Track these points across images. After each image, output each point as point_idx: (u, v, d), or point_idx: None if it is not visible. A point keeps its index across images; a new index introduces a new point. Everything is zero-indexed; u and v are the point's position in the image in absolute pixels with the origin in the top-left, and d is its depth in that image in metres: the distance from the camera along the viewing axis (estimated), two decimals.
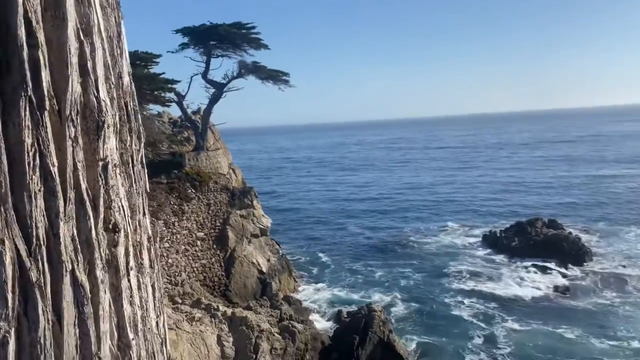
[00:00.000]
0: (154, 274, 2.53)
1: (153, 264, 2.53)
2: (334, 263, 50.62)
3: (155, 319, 2.42)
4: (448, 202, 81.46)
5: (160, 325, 2.53)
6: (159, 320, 2.50)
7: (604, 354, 30.64)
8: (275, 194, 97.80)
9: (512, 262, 49.09)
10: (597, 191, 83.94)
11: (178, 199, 32.65)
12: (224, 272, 34.28)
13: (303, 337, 28.46)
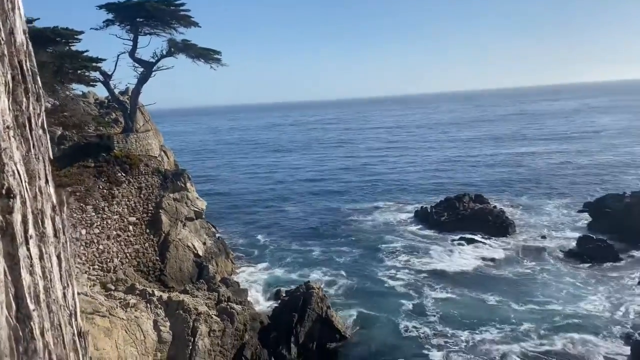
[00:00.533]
0: (59, 244, 2.44)
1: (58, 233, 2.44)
2: (272, 244, 50.82)
3: (61, 290, 2.34)
4: (381, 181, 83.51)
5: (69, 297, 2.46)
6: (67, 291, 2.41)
7: (521, 316, 33.08)
8: (210, 176, 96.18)
9: (441, 235, 51.34)
10: (520, 167, 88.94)
11: (107, 183, 31.42)
12: (158, 256, 33.56)
13: (242, 318, 28.53)
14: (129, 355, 23.10)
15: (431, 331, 31.54)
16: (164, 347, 24.99)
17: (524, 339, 29.99)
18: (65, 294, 2.34)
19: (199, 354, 25.26)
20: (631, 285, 36.98)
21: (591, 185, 70.15)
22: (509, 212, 56.33)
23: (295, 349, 28.91)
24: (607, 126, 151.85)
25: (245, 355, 27.18)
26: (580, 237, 45.97)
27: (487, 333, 31.00)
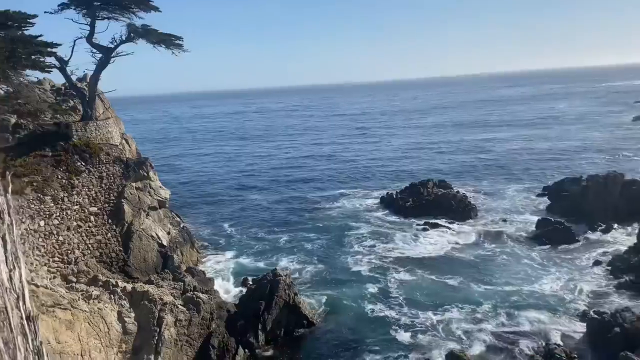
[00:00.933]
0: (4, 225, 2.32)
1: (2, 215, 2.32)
2: (238, 233, 50.51)
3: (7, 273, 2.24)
4: (347, 168, 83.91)
5: (16, 280, 2.35)
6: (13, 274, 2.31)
7: (480, 296, 34.14)
8: (173, 165, 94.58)
9: (406, 221, 52.09)
10: (482, 153, 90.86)
11: (66, 173, 30.44)
12: (121, 247, 32.88)
13: (208, 307, 28.32)
14: (92, 348, 22.65)
15: (397, 313, 32.13)
16: (129, 338, 24.60)
17: (484, 318, 30.90)
18: (12, 277, 2.23)
19: (165, 344, 24.98)
20: (586, 265, 38.46)
21: (550, 170, 72.36)
22: (471, 197, 57.58)
23: (262, 336, 28.96)
24: (565, 112, 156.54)
25: (213, 344, 27.05)
26: (539, 220, 47.44)
27: (449, 313, 31.85)
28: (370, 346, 28.41)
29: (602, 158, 79.07)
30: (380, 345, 28.51)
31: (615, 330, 26.06)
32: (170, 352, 25.14)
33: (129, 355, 24.35)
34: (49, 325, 21.33)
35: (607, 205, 47.93)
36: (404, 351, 27.82)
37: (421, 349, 27.80)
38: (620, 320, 26.59)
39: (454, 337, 28.90)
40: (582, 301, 32.62)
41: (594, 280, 35.71)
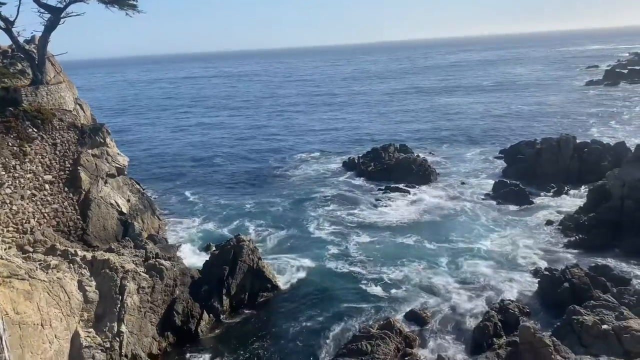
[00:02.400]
0: None
1: None
2: (200, 200, 50.08)
3: None
4: (308, 134, 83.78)
5: None
6: None
7: (433, 253, 35.61)
8: (129, 132, 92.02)
9: (368, 185, 52.83)
10: (442, 118, 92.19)
11: (17, 140, 29.16)
12: (79, 215, 32.08)
13: (171, 274, 28.20)
14: (53, 317, 22.31)
15: (357, 272, 33.03)
16: (90, 307, 24.33)
17: (440, 275, 32.14)
18: None
19: (128, 312, 24.84)
20: (539, 225, 40.10)
21: (507, 134, 74.29)
22: (431, 161, 58.66)
23: (227, 300, 29.17)
24: (522, 77, 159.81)
25: (177, 309, 27.08)
26: (496, 183, 48.95)
27: (405, 270, 33.06)
28: (333, 304, 29.10)
29: (556, 122, 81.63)
30: (341, 302, 29.23)
31: (565, 286, 27.50)
32: (133, 319, 25.05)
33: (91, 323, 24.13)
34: (6, 296, 20.84)
35: (560, 168, 49.80)
36: (363, 308, 28.62)
37: (379, 306, 28.65)
38: (569, 276, 28.04)
39: (410, 293, 29.88)
40: (534, 259, 34.15)
41: (545, 239, 37.36)
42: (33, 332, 21.13)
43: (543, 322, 25.58)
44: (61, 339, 22.30)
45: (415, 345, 24.81)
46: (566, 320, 22.78)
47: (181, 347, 25.98)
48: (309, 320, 27.74)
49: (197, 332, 26.82)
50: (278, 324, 27.65)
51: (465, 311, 27.86)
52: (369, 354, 22.96)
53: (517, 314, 25.97)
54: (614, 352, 20.05)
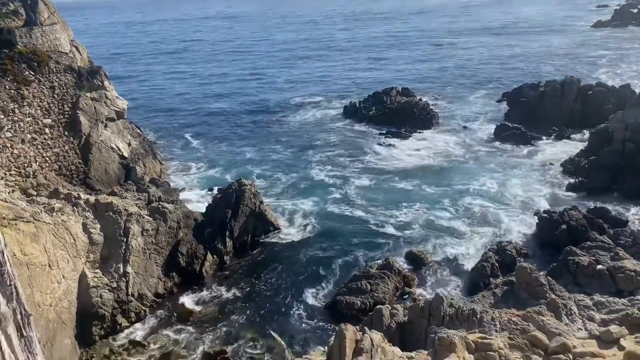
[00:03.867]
0: None
1: None
2: (202, 145, 49.95)
3: None
4: (307, 78, 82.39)
5: None
6: None
7: (433, 196, 35.93)
8: (125, 76, 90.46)
9: (369, 130, 52.53)
10: (445, 60, 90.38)
11: (14, 83, 28.80)
12: (81, 159, 32.16)
13: (175, 217, 28.58)
14: (59, 259, 22.83)
15: (357, 214, 33.46)
16: (96, 249, 24.84)
17: (439, 215, 32.56)
18: None
19: (133, 253, 25.39)
20: (539, 168, 40.17)
21: (511, 76, 73.05)
22: (434, 104, 58.05)
23: (230, 242, 29.71)
24: (528, 17, 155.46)
25: (181, 251, 27.65)
26: (498, 126, 48.65)
27: (405, 211, 33.50)
28: (334, 245, 29.68)
29: (561, 64, 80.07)
30: (342, 244, 29.81)
31: (562, 228, 27.90)
32: (138, 261, 25.63)
33: (97, 264, 24.72)
34: (13, 238, 21.23)
35: (563, 111, 49.33)
36: (365, 247, 29.21)
37: (379, 248, 29.22)
38: (567, 218, 28.39)
39: (410, 235, 30.39)
40: (534, 201, 34.45)
41: (546, 182, 37.54)
42: (41, 273, 21.67)
43: (540, 263, 26.11)
44: (69, 279, 22.90)
45: (413, 285, 25.48)
46: (562, 260, 23.26)
47: (186, 287, 26.69)
48: (310, 261, 28.37)
49: (202, 272, 27.48)
50: (280, 265, 28.29)
51: (464, 252, 28.42)
52: (369, 293, 23.63)
53: (515, 255, 26.49)
54: (607, 290, 20.58)
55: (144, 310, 24.39)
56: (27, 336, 2.52)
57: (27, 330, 2.52)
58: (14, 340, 2.34)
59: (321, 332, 22.86)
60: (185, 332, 23.42)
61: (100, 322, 23.09)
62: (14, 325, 2.38)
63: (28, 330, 2.53)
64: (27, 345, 2.50)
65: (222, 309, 24.84)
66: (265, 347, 21.90)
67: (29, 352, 2.50)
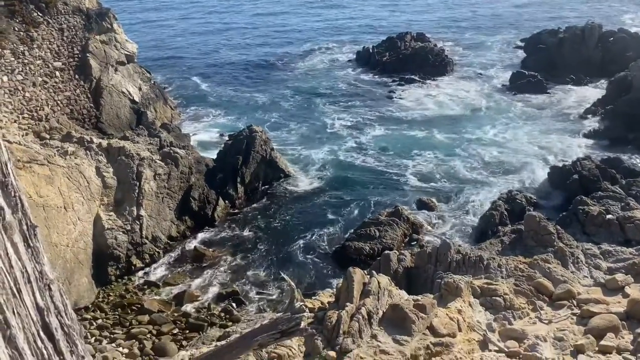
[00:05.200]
0: None
1: None
2: (212, 91, 49.47)
3: None
4: (320, 23, 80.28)
5: None
6: None
7: (445, 144, 35.78)
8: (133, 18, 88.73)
9: (382, 77, 51.53)
10: (461, 5, 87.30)
11: (23, 24, 28.45)
12: (92, 103, 32.16)
13: (186, 162, 28.81)
14: (74, 201, 23.31)
15: (368, 162, 33.57)
16: (109, 192, 25.27)
17: (450, 163, 32.56)
18: None
19: (146, 197, 25.80)
20: (554, 116, 39.52)
21: (530, 22, 70.55)
22: (449, 50, 56.58)
23: (241, 188, 30.02)
24: None
25: (193, 195, 28.03)
26: (514, 73, 47.51)
27: (418, 159, 33.57)
28: (345, 193, 29.92)
29: (584, 10, 77.05)
30: (352, 191, 30.04)
31: (574, 177, 27.72)
32: (151, 204, 26.08)
33: (111, 207, 25.22)
34: (28, 180, 21.63)
35: (582, 58, 47.91)
36: (376, 195, 29.42)
37: (389, 195, 29.41)
38: (579, 168, 28.16)
39: (420, 182, 30.49)
40: (546, 150, 34.14)
41: (560, 131, 37.03)
42: (57, 214, 22.21)
43: (550, 212, 26.11)
44: (84, 221, 23.47)
45: (421, 232, 25.78)
46: (572, 210, 23.26)
47: (199, 231, 27.25)
48: (320, 208, 28.68)
49: (214, 216, 27.96)
50: (290, 211, 28.66)
51: (474, 201, 28.52)
52: (377, 239, 23.97)
53: (524, 204, 26.51)
54: (616, 240, 20.64)
55: (157, 252, 25.06)
56: (34, 246, 2.61)
57: (33, 241, 2.61)
58: (20, 248, 2.42)
59: (330, 275, 23.43)
60: (198, 273, 24.12)
61: (116, 263, 23.80)
62: (20, 235, 2.46)
63: (34, 241, 2.62)
64: (34, 255, 2.60)
65: (234, 252, 25.44)
66: (275, 287, 22.55)
67: (36, 262, 2.59)
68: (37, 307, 2.53)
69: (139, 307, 21.55)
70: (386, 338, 10.76)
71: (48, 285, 2.70)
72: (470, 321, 11.88)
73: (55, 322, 2.66)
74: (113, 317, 21.23)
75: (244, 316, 20.72)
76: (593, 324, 11.53)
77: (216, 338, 16.31)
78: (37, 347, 2.43)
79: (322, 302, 12.56)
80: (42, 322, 2.56)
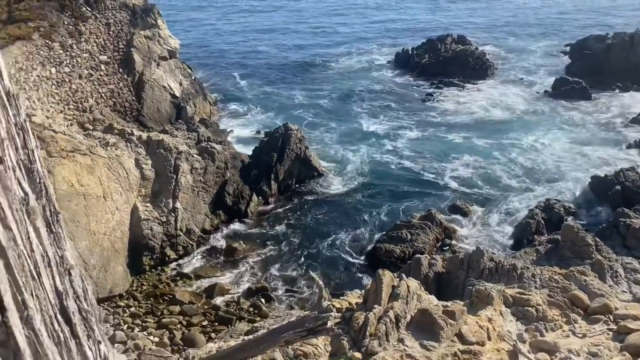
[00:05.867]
0: None
1: None
2: (251, 88, 50.00)
3: None
4: (358, 24, 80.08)
5: None
6: None
7: (484, 149, 35.13)
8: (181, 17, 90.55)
9: (420, 79, 51.03)
10: (507, 8, 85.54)
11: (72, 19, 29.48)
12: (134, 97, 33.03)
13: (222, 157, 29.25)
14: (113, 191, 23.99)
15: (404, 164, 33.27)
16: (147, 184, 25.90)
17: (488, 169, 31.91)
18: None
19: (182, 190, 26.33)
20: (597, 124, 38.26)
21: (577, 28, 68.57)
22: (491, 54, 55.58)
23: (275, 185, 30.28)
24: None
25: (228, 190, 28.44)
26: (557, 79, 46.26)
27: (455, 163, 33.03)
28: (378, 194, 29.77)
29: (630, 15, 74.30)
30: (386, 193, 29.86)
31: (616, 188, 26.81)
32: (187, 197, 26.59)
33: (148, 199, 25.84)
34: (71, 169, 22.39)
35: (630, 65, 46.26)
36: (409, 198, 29.17)
37: (423, 199, 29.09)
38: (622, 179, 27.21)
39: (455, 187, 30.04)
40: (589, 159, 33.11)
41: (603, 139, 35.86)
42: (96, 203, 22.91)
43: (589, 223, 25.38)
44: (122, 211, 24.12)
45: (454, 237, 25.42)
46: (613, 221, 22.53)
47: (232, 225, 27.62)
48: (353, 208, 28.63)
49: (247, 212, 28.30)
50: (323, 210, 28.71)
51: (510, 208, 27.93)
52: (408, 242, 23.77)
53: (562, 214, 25.82)
54: None
55: (191, 245, 25.53)
56: (56, 232, 2.71)
57: (55, 227, 2.71)
58: (42, 233, 2.51)
59: (359, 276, 23.36)
60: (229, 267, 24.46)
61: (150, 253, 24.36)
62: (43, 220, 2.54)
63: (57, 227, 2.72)
64: (56, 241, 2.69)
65: (265, 248, 25.67)
66: (304, 285, 22.64)
67: (57, 247, 2.68)
68: (56, 290, 2.62)
69: (171, 298, 22.01)
70: (413, 342, 10.66)
71: (68, 270, 2.79)
72: (500, 330, 11.65)
73: (73, 306, 2.75)
74: (145, 305, 21.74)
75: (272, 312, 20.89)
76: (630, 340, 11.12)
77: (244, 332, 16.51)
78: (53, 329, 2.51)
79: (350, 302, 12.54)
80: (60, 305, 2.64)
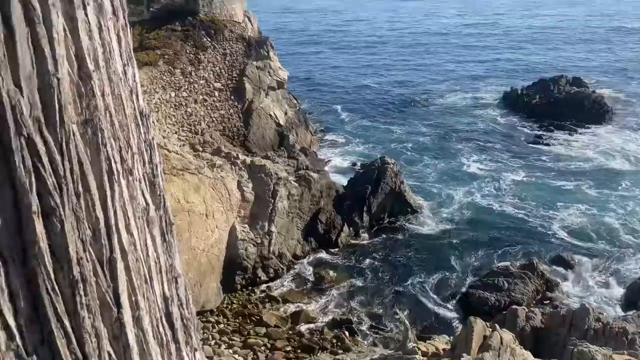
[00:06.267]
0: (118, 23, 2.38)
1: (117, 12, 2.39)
2: (352, 120, 50.78)
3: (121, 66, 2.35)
4: (464, 62, 78.73)
5: (129, 75, 2.47)
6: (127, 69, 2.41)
7: (597, 200, 32.57)
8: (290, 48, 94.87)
9: (529, 120, 48.80)
10: (632, 50, 79.92)
11: (194, 48, 32.03)
12: (242, 123, 34.83)
13: (318, 186, 29.82)
14: (215, 210, 25.26)
15: (505, 209, 31.72)
16: (247, 206, 26.98)
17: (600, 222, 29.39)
18: (126, 71, 2.41)
19: (278, 214, 27.10)
20: None
21: None
22: (609, 98, 51.96)
23: (367, 217, 30.20)
24: None
25: (321, 219, 28.83)
26: None
27: (562, 211, 30.90)
28: (475, 237, 28.59)
29: None
30: (483, 237, 28.57)
31: None
32: (282, 222, 27.31)
33: (246, 220, 26.87)
34: (179, 187, 23.96)
35: None
36: (508, 244, 27.68)
37: (525, 247, 27.43)
38: None
39: (561, 237, 28.04)
40: None
41: None
42: (199, 220, 24.22)
43: None
44: (221, 229, 25.28)
45: (557, 291, 23.63)
46: None
47: (321, 254, 27.84)
48: (446, 249, 27.72)
49: (337, 242, 28.44)
50: (414, 247, 28.09)
51: (624, 265, 25.53)
52: (505, 291, 22.47)
53: None
54: None
55: (282, 268, 26.06)
56: (169, 241, 2.91)
57: (169, 237, 2.92)
58: (157, 241, 2.70)
59: (447, 321, 22.41)
60: (316, 295, 24.57)
61: (243, 273, 25.18)
62: (159, 229, 2.74)
63: (170, 237, 2.93)
64: (168, 249, 2.89)
65: (353, 280, 25.53)
66: (390, 323, 22.09)
67: (168, 256, 2.87)
68: (163, 295, 2.80)
69: (258, 319, 22.48)
70: None
71: (175, 278, 2.98)
72: None
73: (176, 313, 2.92)
74: (234, 324, 22.39)
75: (354, 347, 20.57)
76: None
77: None
78: (158, 331, 2.68)
79: (436, 347, 12.04)
80: (166, 310, 2.82)
